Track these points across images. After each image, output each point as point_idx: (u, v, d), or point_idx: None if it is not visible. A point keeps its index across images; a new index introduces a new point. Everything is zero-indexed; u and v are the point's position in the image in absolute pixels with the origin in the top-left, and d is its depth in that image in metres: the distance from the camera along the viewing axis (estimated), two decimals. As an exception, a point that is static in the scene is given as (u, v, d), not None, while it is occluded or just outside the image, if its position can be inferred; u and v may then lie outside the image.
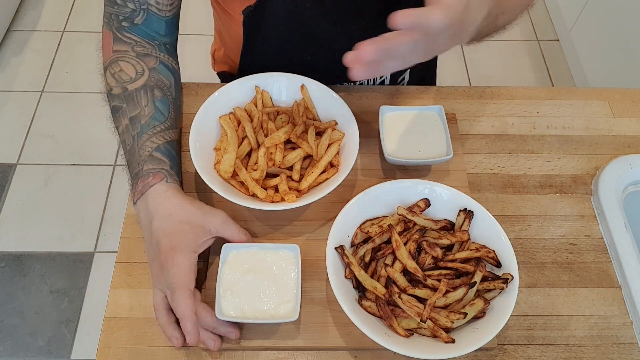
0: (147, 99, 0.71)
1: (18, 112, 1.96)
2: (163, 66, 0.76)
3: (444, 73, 2.12)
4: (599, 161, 0.82)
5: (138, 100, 0.71)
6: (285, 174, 0.72)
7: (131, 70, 0.73)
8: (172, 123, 0.72)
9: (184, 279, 0.61)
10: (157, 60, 0.75)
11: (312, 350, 0.65)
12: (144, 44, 0.75)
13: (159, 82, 0.73)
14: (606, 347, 0.66)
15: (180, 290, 0.60)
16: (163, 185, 0.65)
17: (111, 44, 0.75)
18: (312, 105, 0.79)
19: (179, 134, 0.76)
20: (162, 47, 0.77)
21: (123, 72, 0.72)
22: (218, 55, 1.04)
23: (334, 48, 0.84)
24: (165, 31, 0.78)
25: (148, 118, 0.70)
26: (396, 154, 0.77)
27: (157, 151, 0.68)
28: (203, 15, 2.05)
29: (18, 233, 1.69)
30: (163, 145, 0.69)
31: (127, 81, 0.72)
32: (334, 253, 0.65)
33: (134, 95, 0.71)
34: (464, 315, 0.61)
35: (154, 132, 0.69)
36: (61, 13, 2.26)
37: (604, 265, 0.73)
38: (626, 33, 1.75)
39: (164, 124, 0.71)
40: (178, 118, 0.76)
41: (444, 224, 0.69)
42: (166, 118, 0.72)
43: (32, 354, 1.48)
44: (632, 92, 0.91)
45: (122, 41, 0.74)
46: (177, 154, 0.72)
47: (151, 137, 0.69)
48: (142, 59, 0.74)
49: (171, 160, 0.69)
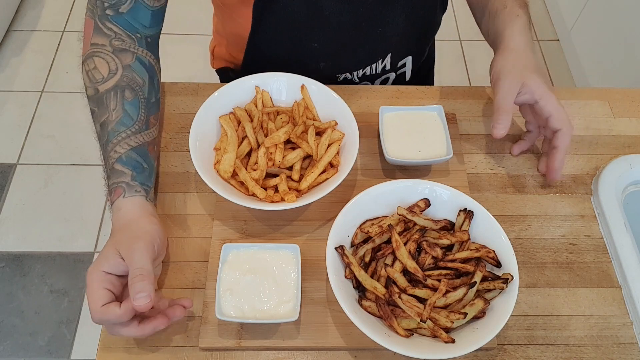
0: (116, 101, 0.70)
1: (18, 112, 1.96)
2: (139, 63, 0.74)
3: (444, 73, 2.12)
4: (599, 161, 0.82)
5: (107, 104, 0.69)
6: (285, 174, 0.72)
7: (104, 68, 0.71)
8: (141, 126, 0.71)
9: (91, 297, 0.59)
10: (133, 57, 0.73)
11: (312, 350, 0.65)
12: (123, 37, 0.73)
13: (131, 82, 0.71)
14: (606, 347, 0.66)
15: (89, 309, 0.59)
16: (120, 201, 0.65)
17: (91, 34, 0.73)
18: (312, 105, 0.79)
19: (154, 133, 0.73)
20: (143, 41, 0.75)
21: (96, 71, 0.71)
22: (218, 51, 1.04)
23: (339, 30, 0.84)
24: (150, 23, 0.76)
25: (114, 124, 0.68)
26: (396, 154, 0.77)
27: (119, 162, 0.67)
28: (203, 14, 2.05)
29: (18, 233, 1.69)
30: (126, 154, 0.67)
31: (99, 81, 0.70)
32: (334, 253, 0.65)
33: (104, 98, 0.70)
34: (464, 315, 0.61)
35: (118, 140, 0.68)
36: (61, 13, 2.26)
37: (604, 265, 0.73)
38: (626, 33, 1.75)
39: (131, 128, 0.69)
40: (152, 117, 0.73)
41: (444, 224, 0.69)
42: (134, 121, 0.70)
43: (32, 354, 1.48)
44: (632, 92, 0.91)
45: (102, 32, 0.73)
46: (145, 158, 0.70)
47: (115, 145, 0.68)
48: (118, 55, 0.72)
49: (134, 168, 0.68)
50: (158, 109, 0.76)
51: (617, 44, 1.80)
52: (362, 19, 0.84)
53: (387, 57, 0.92)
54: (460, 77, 2.13)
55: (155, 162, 0.73)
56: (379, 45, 0.90)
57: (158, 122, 0.76)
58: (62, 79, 2.06)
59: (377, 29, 0.86)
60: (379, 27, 0.86)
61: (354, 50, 0.89)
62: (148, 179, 0.69)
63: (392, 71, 0.96)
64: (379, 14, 0.84)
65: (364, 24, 0.84)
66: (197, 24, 2.16)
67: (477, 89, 0.90)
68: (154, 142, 0.73)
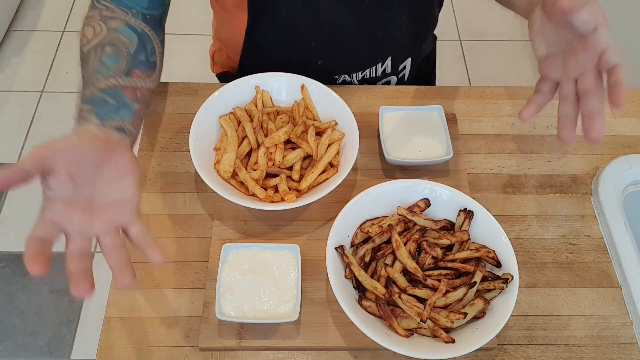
0: (96, 56, 0.67)
1: (18, 112, 1.96)
2: (127, 27, 0.71)
3: (444, 73, 2.12)
4: (599, 161, 0.82)
5: (87, 61, 0.67)
6: (285, 174, 0.72)
7: (90, 32, 0.70)
8: (117, 72, 0.66)
9: None
10: (122, 23, 0.71)
11: (312, 350, 0.65)
12: (114, 10, 0.72)
13: (115, 40, 0.69)
14: (606, 347, 0.66)
15: None
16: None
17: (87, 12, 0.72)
18: (312, 105, 0.79)
19: (138, 83, 0.69)
20: (139, 15, 0.73)
21: (84, 36, 0.70)
22: (217, 56, 1.04)
23: (339, 31, 0.83)
24: (148, 4, 0.73)
25: (90, 74, 0.66)
26: (396, 154, 0.77)
27: (82, 102, 0.63)
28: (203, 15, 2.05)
29: (18, 233, 1.68)
30: (90, 94, 0.63)
31: (84, 44, 0.69)
32: (334, 253, 0.65)
33: (86, 57, 0.68)
34: (464, 315, 0.61)
35: (87, 86, 0.65)
36: (61, 13, 2.26)
37: (604, 265, 0.73)
38: (626, 33, 1.75)
39: (104, 74, 0.65)
40: (138, 70, 0.69)
41: (444, 224, 0.69)
42: (109, 70, 0.66)
43: (32, 354, 1.48)
44: (632, 92, 0.91)
45: (95, 7, 0.72)
46: (115, 96, 0.64)
47: (85, 90, 0.64)
48: (105, 21, 0.70)
49: (95, 104, 0.62)
50: (152, 68, 0.72)
51: (617, 44, 1.80)
52: (362, 20, 0.83)
53: (388, 60, 0.92)
54: (460, 77, 2.13)
55: (135, 104, 0.67)
56: (380, 47, 0.89)
57: (152, 79, 0.72)
58: (62, 79, 2.06)
59: (377, 30, 0.86)
60: (380, 29, 0.85)
61: (354, 51, 0.88)
62: (113, 112, 0.63)
63: (392, 74, 0.96)
64: (380, 14, 0.83)
65: (364, 25, 0.84)
66: (197, 24, 2.16)
67: (477, 89, 0.90)
68: (137, 88, 0.68)
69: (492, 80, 2.12)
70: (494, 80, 2.12)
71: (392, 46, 0.90)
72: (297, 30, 0.84)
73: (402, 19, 0.86)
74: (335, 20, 0.83)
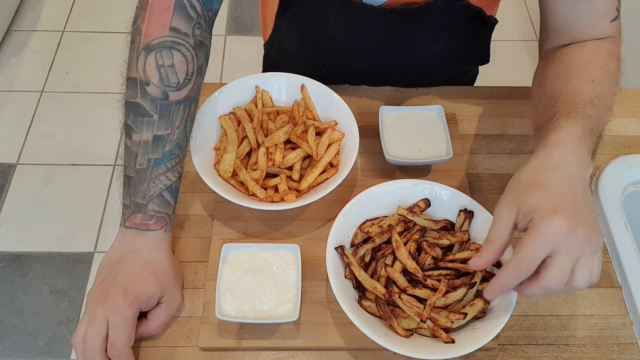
0: (182, 118, 0.64)
1: (18, 112, 1.96)
2: (206, 61, 0.67)
3: (444, 73, 2.12)
4: (599, 161, 0.82)
5: (173, 118, 0.63)
6: (285, 174, 0.72)
7: (182, 70, 0.63)
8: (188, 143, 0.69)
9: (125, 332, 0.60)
10: (205, 54, 0.66)
11: (312, 350, 0.65)
12: (201, 22, 0.64)
13: (198, 92, 0.67)
14: (606, 347, 0.66)
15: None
16: (161, 234, 0.65)
17: (170, 12, 0.61)
18: (312, 105, 0.79)
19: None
20: (211, 21, 0.67)
21: (173, 71, 0.62)
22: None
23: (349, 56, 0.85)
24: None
25: (173, 145, 0.64)
26: (396, 154, 0.77)
27: (168, 191, 0.64)
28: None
29: (18, 233, 1.69)
30: (175, 184, 0.65)
31: (172, 86, 0.62)
32: (334, 253, 0.65)
33: (172, 109, 0.63)
34: (464, 315, 0.60)
35: (172, 165, 0.64)
36: (61, 13, 2.26)
37: (604, 265, 0.72)
38: (626, 33, 1.75)
39: (183, 151, 0.66)
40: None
41: (444, 224, 0.69)
42: (188, 141, 0.68)
43: (32, 354, 1.48)
44: (632, 92, 0.91)
45: (186, 13, 0.62)
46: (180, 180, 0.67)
47: (167, 171, 0.64)
48: (197, 51, 0.64)
49: (176, 200, 0.66)
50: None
51: (617, 44, 1.80)
52: (370, 49, 0.84)
53: None
54: (460, 77, 2.13)
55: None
56: (387, 75, 0.90)
57: None
58: (62, 79, 2.06)
59: (386, 63, 0.86)
60: (387, 61, 0.86)
61: (364, 74, 0.89)
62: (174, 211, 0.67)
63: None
64: (386, 47, 0.84)
65: (372, 54, 0.85)
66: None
67: (477, 89, 0.90)
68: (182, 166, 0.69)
69: (492, 80, 2.12)
70: (494, 80, 2.12)
71: (398, 76, 0.90)
72: (335, 42, 0.85)
73: (408, 57, 0.86)
74: (346, 46, 0.84)
